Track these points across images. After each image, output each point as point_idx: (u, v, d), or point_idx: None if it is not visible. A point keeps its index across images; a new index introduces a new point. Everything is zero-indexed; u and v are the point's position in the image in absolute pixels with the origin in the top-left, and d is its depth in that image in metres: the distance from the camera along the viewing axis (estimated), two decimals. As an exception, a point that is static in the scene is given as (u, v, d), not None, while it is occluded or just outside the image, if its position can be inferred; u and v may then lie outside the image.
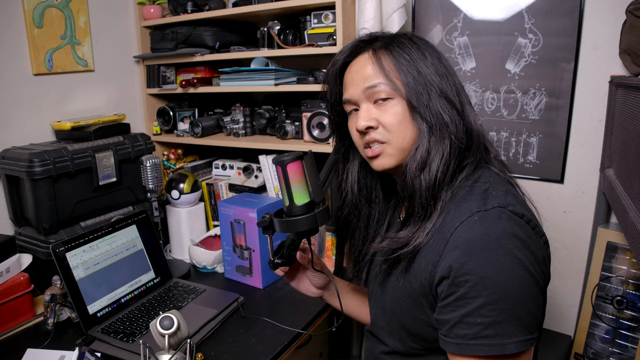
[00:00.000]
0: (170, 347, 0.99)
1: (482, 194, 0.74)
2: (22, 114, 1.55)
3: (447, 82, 0.80)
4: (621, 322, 1.35)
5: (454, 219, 0.73)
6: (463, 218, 0.71)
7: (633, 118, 1.09)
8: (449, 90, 0.80)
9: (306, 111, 1.60)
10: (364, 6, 1.46)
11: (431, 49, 0.83)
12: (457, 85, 0.82)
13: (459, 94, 0.81)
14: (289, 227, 0.91)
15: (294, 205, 0.88)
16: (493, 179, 0.77)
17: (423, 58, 0.81)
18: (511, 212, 0.70)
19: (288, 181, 0.88)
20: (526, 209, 0.74)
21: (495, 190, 0.74)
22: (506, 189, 0.76)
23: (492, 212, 0.70)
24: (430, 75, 0.79)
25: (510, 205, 0.71)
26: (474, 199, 0.73)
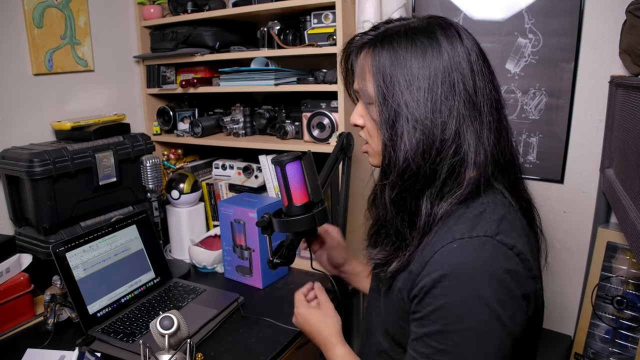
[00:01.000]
0: (170, 347, 0.99)
1: (474, 218, 0.69)
2: (22, 114, 1.55)
3: (434, 99, 0.70)
4: (621, 322, 1.35)
5: (437, 242, 0.69)
6: (444, 243, 0.67)
7: (633, 118, 1.09)
8: (428, 110, 0.70)
9: (306, 111, 1.60)
10: (364, 6, 1.46)
11: (433, 53, 0.71)
12: (458, 103, 0.71)
13: (451, 115, 0.70)
14: (287, 227, 0.91)
15: (292, 205, 0.88)
16: (494, 201, 0.71)
17: (407, 66, 0.71)
18: (499, 242, 0.65)
19: (287, 181, 0.88)
20: (520, 239, 0.68)
21: (490, 215, 0.69)
22: (503, 214, 0.70)
23: (475, 241, 0.66)
24: (406, 91, 0.71)
25: (500, 235, 0.66)
26: (464, 222, 0.69)
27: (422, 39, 0.72)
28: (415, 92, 0.71)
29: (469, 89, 0.71)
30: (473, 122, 0.71)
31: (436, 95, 0.70)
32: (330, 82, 1.51)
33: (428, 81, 0.71)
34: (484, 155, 0.71)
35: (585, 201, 1.53)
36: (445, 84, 0.70)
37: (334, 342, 0.94)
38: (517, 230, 0.69)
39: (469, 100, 0.71)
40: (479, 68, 0.72)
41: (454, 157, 0.71)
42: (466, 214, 0.70)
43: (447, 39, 0.72)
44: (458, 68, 0.71)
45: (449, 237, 0.67)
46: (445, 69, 0.71)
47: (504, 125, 0.75)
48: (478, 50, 0.74)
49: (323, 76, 1.53)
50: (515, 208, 0.73)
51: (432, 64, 0.71)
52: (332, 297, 1.41)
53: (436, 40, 0.72)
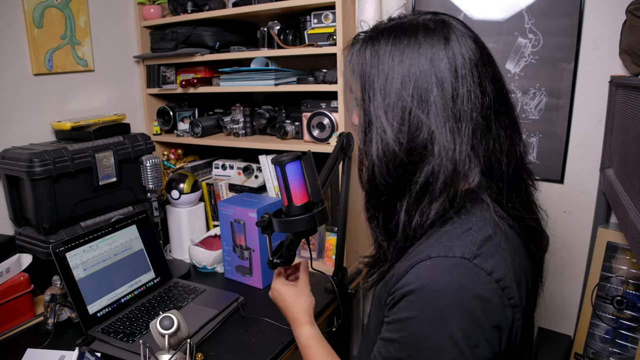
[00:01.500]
0: (170, 347, 0.99)
1: (457, 236, 0.65)
2: (22, 114, 1.55)
3: (407, 104, 0.67)
4: (621, 322, 1.35)
5: (415, 256, 0.66)
6: (420, 259, 0.64)
7: (633, 118, 1.09)
8: (398, 117, 0.67)
9: (306, 111, 1.60)
10: (364, 6, 1.46)
11: (411, 56, 0.68)
12: (435, 109, 0.66)
13: (427, 121, 0.66)
14: (287, 227, 0.91)
15: (292, 205, 0.88)
16: (483, 219, 0.67)
17: (383, 71, 0.69)
18: (476, 265, 0.61)
19: (287, 181, 0.88)
20: (504, 264, 0.63)
21: (475, 235, 0.64)
22: (490, 235, 0.65)
23: (448, 262, 0.62)
24: (378, 97, 0.69)
25: (478, 258, 0.61)
26: (446, 240, 0.65)
27: (403, 40, 0.69)
28: (386, 96, 0.68)
29: (447, 96, 0.66)
30: (450, 131, 0.66)
31: (406, 101, 0.67)
32: (330, 82, 1.51)
33: (400, 85, 0.67)
34: (463, 166, 0.66)
35: (585, 201, 1.53)
36: (418, 89, 0.66)
37: (303, 321, 0.96)
38: (502, 254, 0.64)
39: (446, 107, 0.66)
40: (465, 73, 0.66)
41: (425, 168, 0.67)
42: (451, 230, 0.66)
43: (429, 41, 0.68)
44: (436, 72, 0.66)
45: (426, 254, 0.64)
46: (422, 73, 0.67)
47: (496, 133, 0.68)
48: (471, 53, 0.67)
49: (323, 76, 1.53)
50: (508, 228, 0.68)
51: (407, 67, 0.67)
52: (332, 298, 1.41)
53: (417, 42, 0.68)
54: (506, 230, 0.67)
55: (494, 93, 0.68)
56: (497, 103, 0.68)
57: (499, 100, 0.69)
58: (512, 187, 0.70)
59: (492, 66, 0.70)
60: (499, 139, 0.68)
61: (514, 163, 0.69)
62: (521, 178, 0.72)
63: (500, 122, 0.69)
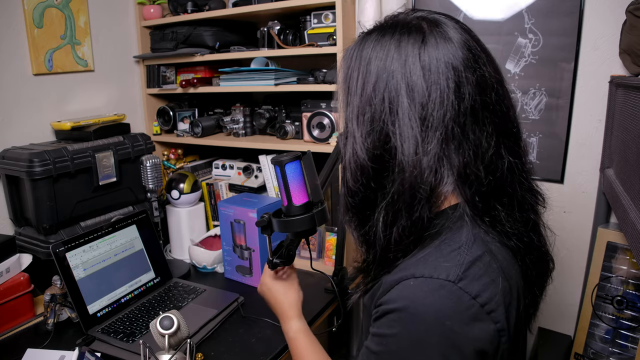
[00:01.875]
0: (170, 347, 0.99)
1: (444, 255, 0.62)
2: (22, 114, 1.55)
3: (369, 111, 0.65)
4: (621, 322, 1.35)
5: (401, 272, 0.63)
6: (405, 276, 0.62)
7: (633, 118, 1.09)
8: (367, 127, 0.66)
9: (306, 111, 1.60)
10: (364, 6, 1.46)
11: (385, 63, 0.65)
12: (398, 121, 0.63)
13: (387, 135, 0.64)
14: (287, 227, 0.91)
15: (292, 205, 0.88)
16: (471, 238, 0.63)
17: (358, 69, 0.67)
18: (460, 288, 0.58)
19: (286, 181, 0.88)
20: (492, 287, 0.60)
21: (463, 255, 0.61)
22: (479, 254, 0.62)
23: (431, 284, 0.59)
24: (350, 106, 0.68)
25: (464, 280, 0.58)
26: (433, 258, 0.62)
27: (383, 41, 0.66)
28: (360, 101, 0.67)
29: (416, 101, 0.62)
30: (414, 140, 0.62)
31: (375, 106, 0.65)
32: (330, 82, 1.51)
33: (372, 89, 0.65)
34: (429, 177, 0.62)
35: (585, 201, 1.53)
36: (388, 93, 0.64)
37: (291, 315, 0.97)
38: (491, 275, 0.61)
39: (413, 114, 0.62)
40: (438, 77, 0.62)
41: (394, 177, 0.64)
42: (440, 247, 0.63)
43: (405, 42, 0.65)
44: (407, 76, 0.63)
45: (411, 272, 0.62)
46: (394, 77, 0.64)
47: (475, 143, 0.63)
48: (450, 56, 0.63)
49: (323, 76, 1.53)
50: (500, 245, 0.65)
51: (381, 69, 0.65)
52: (332, 298, 1.41)
53: (393, 44, 0.65)
54: (496, 249, 0.64)
55: (478, 99, 0.63)
56: (481, 108, 0.63)
57: (484, 105, 0.63)
58: (498, 201, 0.65)
59: (480, 70, 0.64)
60: (479, 149, 0.63)
61: (501, 175, 0.64)
62: (509, 192, 0.66)
63: (482, 130, 0.63)
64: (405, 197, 0.63)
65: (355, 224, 0.72)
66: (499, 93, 0.65)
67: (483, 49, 0.67)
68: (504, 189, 0.66)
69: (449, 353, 0.57)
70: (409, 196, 0.63)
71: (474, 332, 0.57)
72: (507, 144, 0.66)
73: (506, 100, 0.67)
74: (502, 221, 0.65)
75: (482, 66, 0.64)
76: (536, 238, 0.70)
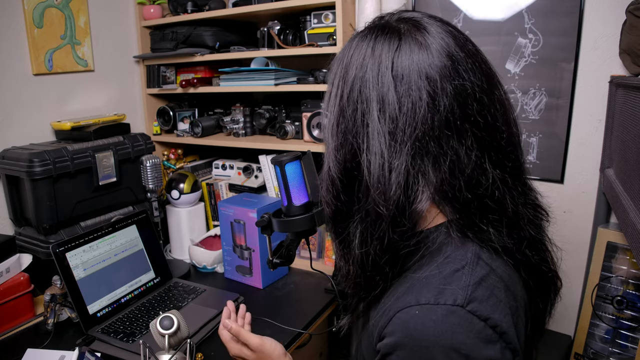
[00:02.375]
0: (170, 347, 0.99)
1: (448, 276, 0.58)
2: (22, 114, 1.55)
3: (341, 116, 0.63)
4: (621, 322, 1.35)
5: (401, 298, 0.60)
6: (406, 303, 0.58)
7: (633, 118, 1.09)
8: (337, 139, 0.63)
9: (306, 111, 1.60)
10: (364, 6, 1.46)
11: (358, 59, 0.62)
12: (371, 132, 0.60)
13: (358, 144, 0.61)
14: (287, 227, 0.91)
15: (292, 205, 0.88)
16: (475, 256, 0.60)
17: (336, 72, 0.65)
18: (470, 312, 0.55)
19: (286, 181, 0.88)
20: (500, 307, 0.57)
21: (467, 276, 0.58)
22: (485, 274, 0.58)
23: (440, 310, 0.55)
24: (329, 101, 0.65)
25: (472, 303, 0.55)
26: (435, 281, 0.58)
27: (361, 46, 0.63)
28: (334, 110, 0.64)
29: (386, 113, 0.59)
30: (381, 155, 0.59)
31: (347, 117, 0.62)
32: (330, 82, 1.51)
33: (346, 99, 0.62)
34: (398, 193, 0.59)
35: (585, 201, 1.53)
36: (361, 103, 0.61)
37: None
38: (499, 295, 0.58)
39: (383, 126, 0.59)
40: (409, 87, 0.58)
41: (364, 192, 0.61)
42: (442, 267, 0.59)
43: (379, 48, 0.61)
44: (379, 85, 0.60)
45: (413, 298, 0.58)
46: (365, 86, 0.61)
47: (452, 157, 0.59)
48: (425, 65, 0.59)
49: (323, 76, 1.53)
50: (501, 263, 0.62)
51: (354, 77, 0.62)
52: (332, 298, 1.41)
53: (368, 49, 0.62)
54: (498, 266, 0.61)
55: (457, 111, 0.58)
56: (460, 121, 0.58)
57: (465, 117, 0.59)
58: (485, 218, 0.61)
59: (461, 79, 0.59)
60: (456, 164, 0.59)
61: (485, 191, 0.60)
62: (495, 208, 0.62)
63: (461, 144, 0.59)
64: (371, 215, 0.61)
65: (334, 235, 0.70)
66: (483, 102, 0.60)
67: (470, 54, 0.61)
68: (489, 205, 0.61)
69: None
70: (374, 214, 0.60)
71: (490, 354, 0.54)
72: (493, 157, 0.61)
73: (493, 109, 0.61)
74: (491, 239, 0.61)
75: (463, 74, 0.59)
76: (533, 255, 0.66)
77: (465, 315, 0.55)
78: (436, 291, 0.57)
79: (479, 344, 0.54)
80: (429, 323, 0.55)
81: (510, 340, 0.56)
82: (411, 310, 0.57)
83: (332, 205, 0.66)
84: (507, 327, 0.56)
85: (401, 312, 0.58)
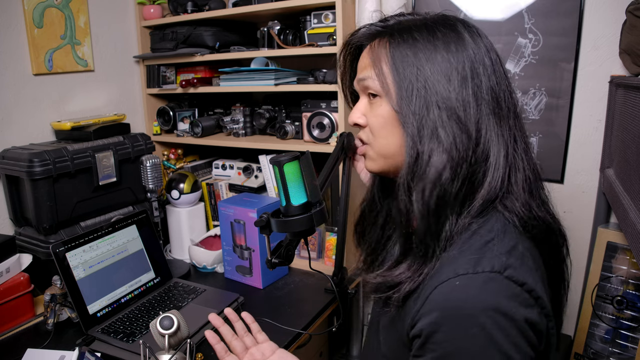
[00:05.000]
0: (170, 347, 0.99)
1: (480, 248, 0.61)
2: (22, 114, 1.55)
3: (464, 94, 0.64)
4: (621, 322, 1.35)
5: (438, 274, 0.61)
6: (445, 277, 0.59)
7: (633, 118, 1.09)
8: (460, 104, 0.64)
9: (306, 111, 1.60)
10: (364, 6, 1.46)
11: (457, 46, 0.66)
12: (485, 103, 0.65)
13: (480, 114, 0.64)
14: (285, 227, 0.91)
15: (290, 205, 0.88)
16: (502, 228, 0.63)
17: (431, 57, 0.65)
18: (507, 277, 0.57)
19: (285, 181, 0.88)
20: (532, 274, 0.60)
21: (498, 245, 0.60)
22: (514, 244, 0.61)
23: (480, 278, 0.57)
24: (433, 80, 0.64)
25: (509, 269, 0.58)
26: (468, 252, 0.61)
27: (443, 31, 0.67)
28: (445, 83, 0.65)
29: (495, 89, 0.66)
30: (498, 127, 0.65)
31: (467, 88, 0.65)
32: (330, 82, 1.51)
33: (456, 74, 0.65)
34: (503, 166, 0.64)
35: (585, 201, 1.53)
36: (473, 79, 0.65)
37: None
38: (528, 264, 0.61)
39: (494, 100, 0.65)
40: (499, 69, 0.67)
41: (484, 163, 0.64)
42: (471, 241, 0.62)
43: (470, 34, 0.67)
44: (483, 65, 0.66)
45: (451, 271, 0.59)
46: (472, 64, 0.65)
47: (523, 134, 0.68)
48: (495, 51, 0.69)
49: (323, 76, 1.53)
50: (527, 235, 0.65)
51: (457, 57, 0.65)
52: (332, 298, 1.41)
53: (459, 34, 0.67)
54: (523, 240, 0.64)
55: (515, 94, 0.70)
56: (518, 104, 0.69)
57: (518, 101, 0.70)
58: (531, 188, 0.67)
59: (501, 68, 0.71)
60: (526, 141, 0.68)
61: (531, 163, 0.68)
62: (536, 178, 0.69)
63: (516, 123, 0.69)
64: (477, 194, 0.64)
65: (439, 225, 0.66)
66: None
67: None
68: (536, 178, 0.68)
69: (518, 341, 0.56)
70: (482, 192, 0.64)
71: (530, 316, 0.57)
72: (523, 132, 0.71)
73: None
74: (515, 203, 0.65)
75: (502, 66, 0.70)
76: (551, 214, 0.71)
77: (503, 280, 0.57)
78: (472, 261, 0.59)
79: (520, 307, 0.56)
80: (472, 291, 0.57)
81: (545, 305, 0.59)
82: (451, 282, 0.58)
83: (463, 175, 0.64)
84: (541, 292, 0.59)
85: (440, 287, 0.59)
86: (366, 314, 2.00)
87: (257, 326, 0.97)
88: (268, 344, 0.93)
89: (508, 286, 0.57)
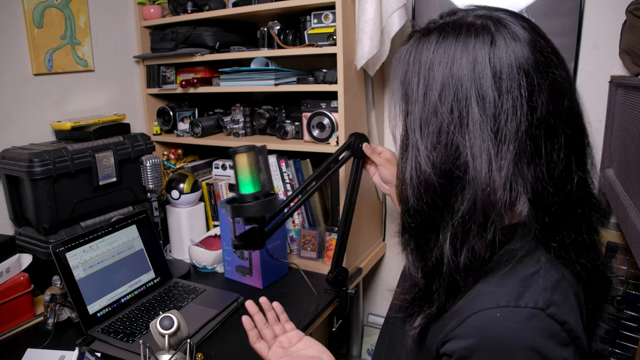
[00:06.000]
0: (170, 347, 0.99)
1: (524, 280, 0.58)
2: (22, 114, 1.55)
3: (436, 113, 0.59)
4: (621, 322, 1.35)
5: (477, 300, 0.59)
6: (485, 306, 0.57)
7: (633, 118, 1.09)
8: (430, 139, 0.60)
9: (306, 111, 1.60)
10: (364, 6, 1.46)
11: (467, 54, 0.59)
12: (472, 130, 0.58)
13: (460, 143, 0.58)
14: (237, 212, 0.98)
15: (239, 193, 0.94)
16: (550, 260, 0.60)
17: (424, 66, 0.61)
18: (549, 315, 0.55)
19: (236, 170, 0.93)
20: (573, 312, 0.57)
21: (544, 279, 0.58)
22: (559, 279, 0.59)
23: (522, 313, 0.55)
24: (412, 106, 0.62)
25: (552, 307, 0.56)
26: (512, 283, 0.58)
27: (446, 43, 0.61)
28: (424, 109, 0.61)
29: (488, 112, 0.57)
30: (487, 155, 0.57)
31: (442, 116, 0.59)
32: (330, 82, 1.51)
33: (438, 97, 0.60)
34: (503, 195, 0.57)
35: (585, 201, 1.53)
36: (457, 102, 0.58)
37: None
38: (570, 301, 0.58)
39: (486, 126, 0.57)
40: (511, 85, 0.57)
41: (464, 194, 0.59)
42: (515, 272, 0.59)
43: (472, 44, 0.59)
44: (477, 83, 0.58)
45: (492, 301, 0.57)
46: (462, 84, 0.58)
47: (547, 157, 0.58)
48: (522, 59, 0.58)
49: (323, 76, 1.53)
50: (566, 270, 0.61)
51: (447, 75, 0.59)
52: (332, 298, 1.41)
53: (459, 46, 0.60)
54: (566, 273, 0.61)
55: (550, 107, 0.58)
56: (554, 118, 0.58)
57: (557, 114, 0.58)
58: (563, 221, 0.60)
59: (552, 74, 0.59)
60: (550, 164, 0.58)
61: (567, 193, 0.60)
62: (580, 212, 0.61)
63: (554, 143, 0.58)
64: (477, 217, 0.58)
65: (413, 247, 0.66)
66: (572, 99, 0.61)
67: (553, 49, 0.62)
68: (573, 208, 0.61)
69: None
70: (481, 216, 0.58)
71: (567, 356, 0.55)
72: (577, 157, 0.62)
73: (577, 107, 0.62)
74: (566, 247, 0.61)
75: (553, 69, 0.59)
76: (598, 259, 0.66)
77: (545, 318, 0.55)
78: (515, 293, 0.57)
79: (557, 347, 0.55)
80: (513, 325, 0.56)
81: (582, 345, 0.57)
82: (491, 313, 0.57)
83: (423, 212, 0.62)
84: (580, 333, 0.57)
85: (478, 314, 0.57)
86: (366, 313, 2.00)
87: (286, 316, 1.00)
88: (295, 332, 0.97)
89: (550, 325, 0.55)
